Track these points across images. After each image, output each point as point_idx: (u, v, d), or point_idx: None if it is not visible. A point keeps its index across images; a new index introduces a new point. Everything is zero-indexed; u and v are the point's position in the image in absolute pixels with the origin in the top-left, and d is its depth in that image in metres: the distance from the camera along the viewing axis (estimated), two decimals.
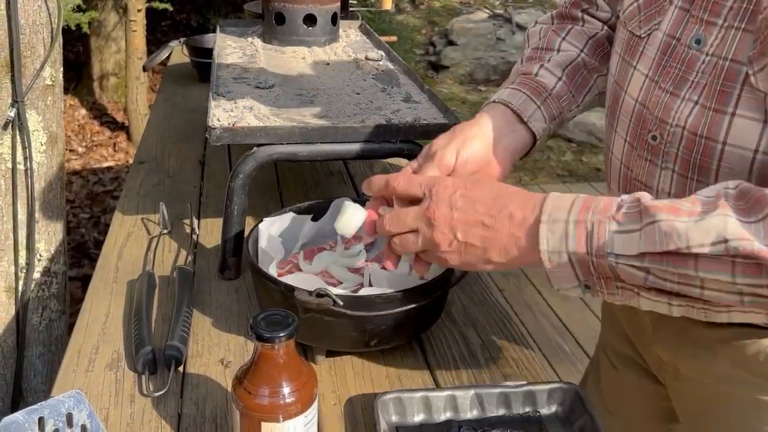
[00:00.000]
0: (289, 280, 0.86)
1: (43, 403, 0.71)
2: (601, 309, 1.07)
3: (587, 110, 0.94)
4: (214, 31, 2.22)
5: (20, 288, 1.63)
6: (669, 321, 0.80)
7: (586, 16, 0.94)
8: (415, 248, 0.71)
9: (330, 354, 0.89)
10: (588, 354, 2.44)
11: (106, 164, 4.03)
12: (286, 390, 0.65)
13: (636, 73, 0.77)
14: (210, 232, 1.21)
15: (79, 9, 3.55)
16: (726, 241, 0.56)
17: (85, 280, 2.87)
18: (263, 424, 0.65)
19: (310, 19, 1.50)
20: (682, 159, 0.71)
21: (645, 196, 0.62)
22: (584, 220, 0.62)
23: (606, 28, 0.94)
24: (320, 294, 0.79)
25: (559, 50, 0.91)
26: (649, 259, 0.60)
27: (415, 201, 0.72)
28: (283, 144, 1.02)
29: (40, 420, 0.70)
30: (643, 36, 0.76)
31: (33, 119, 1.58)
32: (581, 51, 0.91)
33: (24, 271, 1.63)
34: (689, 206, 0.60)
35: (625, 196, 0.64)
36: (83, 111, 4.63)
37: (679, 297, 0.63)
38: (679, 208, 0.59)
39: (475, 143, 0.80)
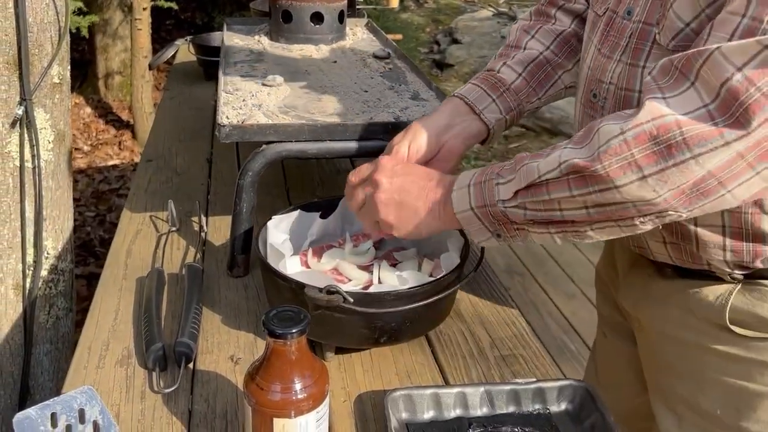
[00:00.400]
0: (298, 277, 0.86)
1: (55, 398, 0.71)
2: (595, 278, 1.14)
3: (554, 101, 1.05)
4: (218, 30, 2.23)
5: (28, 285, 1.64)
6: (632, 278, 0.96)
7: (558, 13, 1.04)
8: (360, 201, 0.86)
9: (339, 351, 0.89)
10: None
11: (111, 162, 4.03)
12: (298, 386, 0.65)
13: (591, 46, 0.89)
14: (218, 229, 1.21)
15: (80, 12, 3.56)
16: (560, 164, 0.71)
17: (90, 278, 2.88)
18: (275, 420, 0.65)
19: (317, 17, 1.51)
20: (610, 111, 0.83)
21: (524, 153, 0.78)
22: (480, 182, 0.79)
23: (574, 24, 1.03)
24: (330, 291, 0.79)
25: (525, 48, 1.02)
26: (521, 195, 0.75)
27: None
28: (292, 141, 1.02)
29: (53, 416, 0.70)
30: (600, 14, 0.88)
31: (41, 117, 1.58)
32: (547, 48, 1.01)
33: (31, 268, 1.63)
34: (549, 150, 0.75)
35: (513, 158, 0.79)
36: (88, 109, 4.64)
37: (552, 224, 0.75)
38: (540, 153, 0.75)
39: (425, 135, 0.93)
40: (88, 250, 3.11)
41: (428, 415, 0.79)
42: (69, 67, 1.67)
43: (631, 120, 0.67)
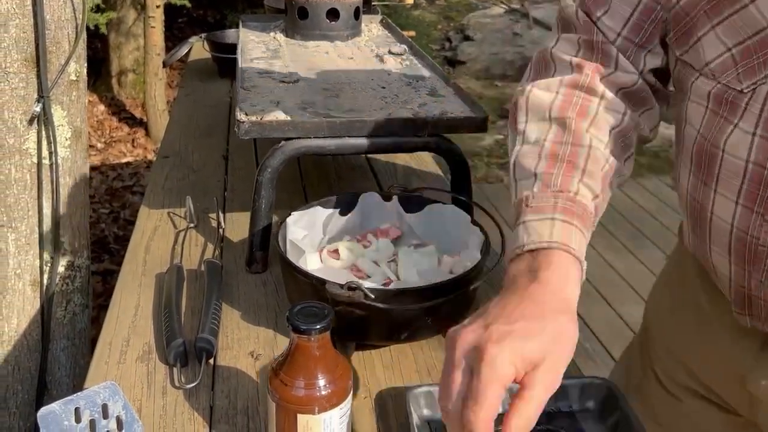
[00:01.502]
0: (318, 273, 0.86)
1: (78, 393, 0.72)
2: (645, 336, 1.00)
3: None
4: (230, 27, 2.23)
5: (45, 282, 1.65)
6: (766, 361, 0.77)
7: (607, 92, 0.77)
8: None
9: (359, 347, 0.89)
10: (608, 351, 2.43)
11: (125, 160, 4.06)
12: (321, 382, 0.65)
13: (737, 132, 0.68)
14: (235, 226, 1.21)
15: (97, 9, 3.58)
16: None
17: (105, 275, 2.90)
18: (299, 416, 0.65)
19: (333, 14, 1.50)
20: None
21: None
22: None
23: (629, 114, 0.78)
24: (351, 287, 0.79)
25: (590, 149, 0.74)
26: None
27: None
28: (310, 138, 1.02)
29: (76, 410, 0.70)
30: (745, 91, 0.67)
31: (58, 114, 1.59)
32: (606, 146, 0.76)
33: (48, 265, 1.65)
34: None
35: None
36: (102, 107, 4.67)
37: None
38: None
39: (568, 336, 0.63)
40: (103, 246, 3.13)
41: None
42: (86, 65, 1.67)
43: None
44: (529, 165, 0.73)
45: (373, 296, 0.79)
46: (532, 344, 0.57)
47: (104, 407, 0.71)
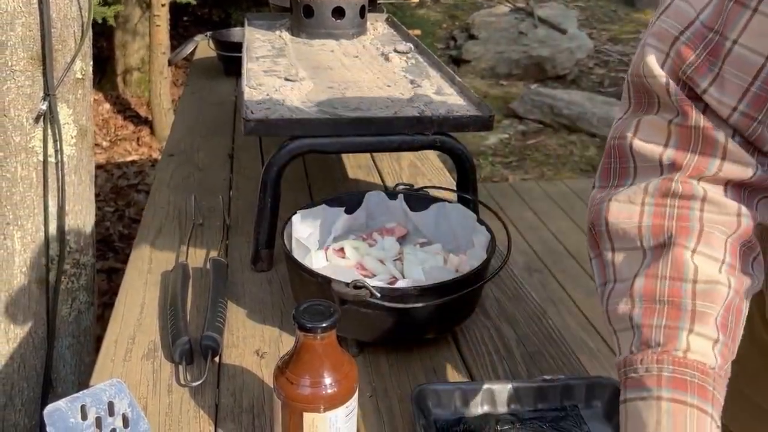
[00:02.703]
0: (323, 271, 0.86)
1: (85, 391, 0.71)
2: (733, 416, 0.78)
3: None
4: (235, 26, 2.23)
5: (50, 279, 1.65)
6: None
7: (710, 194, 0.58)
8: None
9: (365, 346, 0.89)
10: (613, 350, 2.42)
11: (130, 158, 4.06)
12: (327, 380, 0.65)
13: None
14: (241, 224, 1.21)
15: (105, 2, 3.59)
16: None
17: (110, 273, 2.91)
18: (305, 414, 0.65)
19: (338, 12, 1.50)
20: None
21: None
22: None
23: (743, 215, 0.58)
24: (357, 285, 0.79)
25: (695, 282, 0.56)
26: None
27: None
28: (316, 136, 1.01)
29: (83, 408, 0.70)
30: None
31: (64, 112, 1.59)
32: (722, 265, 0.57)
33: (54, 262, 1.65)
34: None
35: None
36: (107, 105, 4.67)
37: None
38: None
39: None
40: (108, 245, 3.14)
41: (456, 411, 0.78)
42: (91, 63, 1.68)
43: None
44: (624, 311, 0.58)
45: (378, 295, 0.79)
46: None
47: (110, 405, 0.71)
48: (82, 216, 1.70)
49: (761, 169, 0.57)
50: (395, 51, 1.45)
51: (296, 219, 0.95)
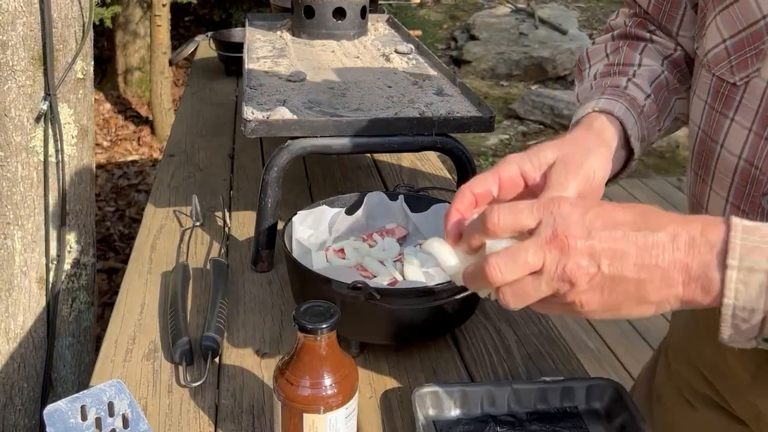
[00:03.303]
0: (324, 272, 0.86)
1: (85, 391, 0.72)
2: (667, 345, 0.96)
3: (664, 137, 0.82)
4: (236, 26, 2.23)
5: (51, 279, 1.65)
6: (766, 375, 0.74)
7: (654, 37, 0.82)
8: (537, 295, 0.52)
9: (365, 347, 0.89)
10: (614, 352, 2.42)
11: (130, 158, 4.06)
12: (327, 381, 0.65)
13: (734, 126, 0.66)
14: (241, 224, 1.21)
15: (102, 3, 3.59)
16: None
17: (110, 273, 2.91)
18: (305, 415, 0.65)
19: (339, 13, 1.50)
20: None
21: None
22: None
23: (679, 50, 0.81)
24: (357, 286, 0.79)
25: (640, 65, 0.77)
26: None
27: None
28: (317, 137, 1.01)
29: (83, 408, 0.70)
30: (738, 84, 0.65)
31: (65, 112, 1.59)
32: (662, 67, 0.78)
33: (55, 262, 1.65)
34: None
35: None
36: (108, 105, 4.68)
37: None
38: None
39: (601, 154, 0.64)
40: (108, 244, 3.14)
41: (455, 412, 0.78)
42: (92, 63, 1.68)
43: None
44: (587, 88, 0.80)
45: (378, 296, 0.79)
46: (546, 152, 0.62)
47: (110, 405, 0.71)
48: (83, 216, 1.70)
49: (678, 52, 0.81)
50: (396, 52, 1.45)
51: (297, 220, 0.95)
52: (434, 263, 0.94)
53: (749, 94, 0.64)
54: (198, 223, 1.20)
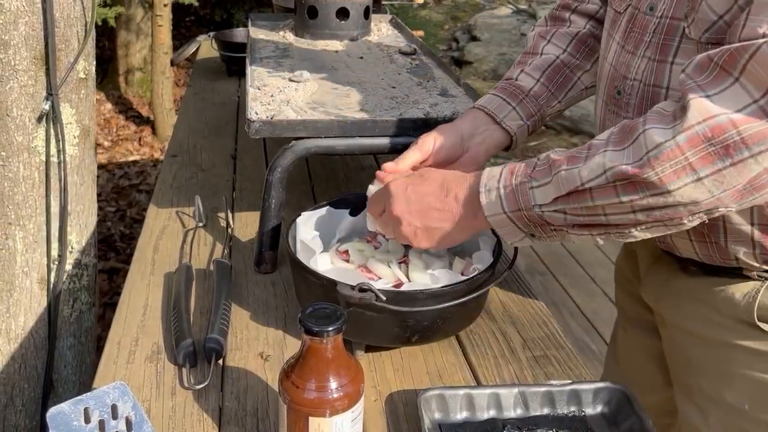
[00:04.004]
0: (328, 274, 0.85)
1: (88, 393, 0.71)
2: (615, 272, 1.14)
3: (576, 103, 1.05)
4: (237, 26, 2.22)
5: (52, 280, 1.64)
6: (654, 274, 0.95)
7: (573, 16, 1.04)
8: (388, 232, 0.87)
9: (370, 349, 0.88)
10: None
11: (131, 158, 4.06)
12: (333, 385, 0.64)
13: (613, 43, 0.89)
14: (244, 225, 1.21)
15: (105, 4, 3.58)
16: (605, 171, 0.69)
17: (111, 273, 2.90)
18: (311, 419, 0.64)
19: (342, 13, 1.50)
20: (637, 108, 0.82)
21: (554, 153, 0.77)
22: (510, 184, 0.77)
23: (589, 25, 1.03)
24: (363, 289, 0.78)
25: (541, 53, 1.02)
26: (561, 201, 0.73)
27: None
28: (321, 137, 1.01)
29: (86, 410, 0.70)
30: (621, 12, 0.88)
31: (66, 112, 1.58)
32: (564, 51, 1.02)
33: (56, 263, 1.64)
34: (585, 152, 0.73)
35: (541, 156, 0.78)
36: (109, 105, 4.67)
37: (594, 227, 0.74)
38: (576, 156, 0.73)
39: (449, 136, 0.94)
40: (109, 244, 3.13)
41: (461, 415, 0.77)
42: (94, 63, 1.67)
43: (681, 122, 0.65)
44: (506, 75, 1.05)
45: (384, 298, 0.78)
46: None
47: (113, 408, 0.70)
48: (84, 216, 1.70)
49: (602, 9, 1.02)
50: (400, 52, 1.45)
51: (300, 221, 0.95)
52: (439, 265, 0.93)
53: (624, 17, 0.86)
54: (201, 224, 1.19)
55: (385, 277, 0.92)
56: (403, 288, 0.86)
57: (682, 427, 0.96)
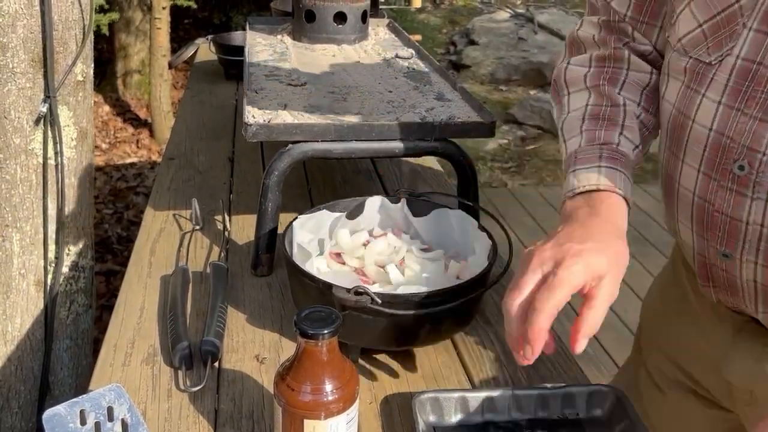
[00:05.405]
0: (324, 277, 0.86)
1: (84, 395, 0.71)
2: (639, 335, 1.04)
3: None
4: (236, 29, 2.23)
5: (49, 282, 1.65)
6: (741, 347, 0.83)
7: (632, 57, 0.87)
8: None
9: (365, 352, 0.89)
10: (613, 358, 2.42)
11: (129, 160, 4.06)
12: (328, 387, 0.65)
13: (705, 101, 0.73)
14: (241, 228, 1.21)
15: (101, 10, 3.59)
16: None
17: (108, 275, 2.90)
18: (306, 421, 0.65)
19: (340, 17, 1.50)
20: None
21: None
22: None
23: (654, 73, 0.87)
24: (358, 292, 0.79)
25: (625, 107, 0.83)
26: None
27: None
28: (318, 141, 1.01)
29: (82, 413, 0.70)
30: (713, 63, 0.72)
31: (64, 115, 1.59)
32: (638, 104, 0.85)
33: (53, 265, 1.64)
34: None
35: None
36: (107, 107, 4.67)
37: None
38: None
39: (623, 253, 0.71)
40: (106, 246, 3.13)
41: (456, 418, 0.78)
42: (92, 65, 1.68)
43: None
44: (575, 126, 0.83)
45: (380, 301, 0.79)
46: (600, 260, 0.66)
47: (109, 410, 0.70)
48: (81, 218, 1.70)
49: (656, 53, 0.87)
50: (397, 56, 1.45)
51: (297, 224, 0.95)
52: (435, 268, 0.94)
53: (721, 71, 0.72)
54: (198, 227, 1.19)
55: (380, 280, 0.92)
56: (398, 291, 0.87)
57: None
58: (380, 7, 1.94)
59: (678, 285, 0.95)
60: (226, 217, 1.21)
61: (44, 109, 1.53)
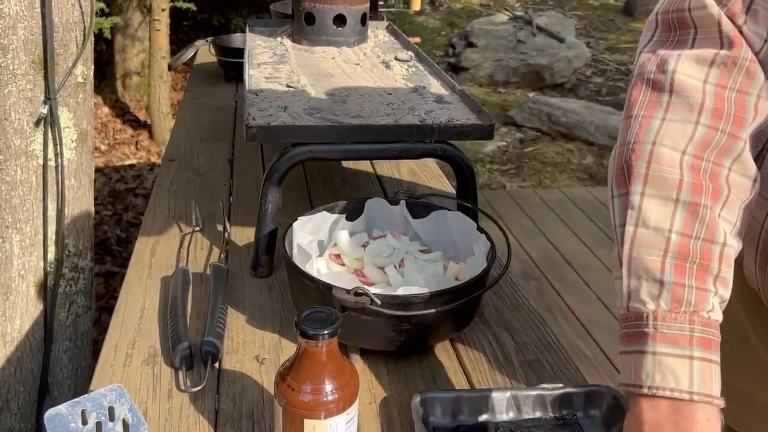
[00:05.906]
0: (324, 278, 0.86)
1: (85, 396, 0.72)
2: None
3: None
4: (235, 31, 2.23)
5: (49, 283, 1.65)
6: None
7: (732, 176, 0.64)
8: None
9: (364, 353, 0.89)
10: (609, 358, 2.43)
11: (128, 162, 4.06)
12: (328, 387, 0.65)
13: None
14: (240, 230, 1.22)
15: (102, 13, 3.59)
16: None
17: (107, 276, 2.90)
18: (306, 421, 0.65)
19: (340, 20, 1.51)
20: None
21: None
22: None
23: (758, 176, 0.66)
24: (358, 293, 0.79)
25: (724, 246, 0.62)
26: None
27: None
28: (318, 143, 1.02)
29: (83, 413, 0.70)
30: None
31: (64, 116, 1.59)
32: (735, 235, 0.64)
33: (53, 266, 1.65)
34: None
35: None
36: (106, 109, 4.67)
37: None
38: None
39: None
40: (105, 248, 3.13)
41: (455, 419, 0.78)
42: (93, 67, 1.68)
43: None
44: (653, 265, 0.61)
45: (379, 302, 0.79)
46: None
47: (111, 410, 0.71)
48: (81, 220, 1.70)
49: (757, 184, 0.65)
50: (396, 59, 1.46)
51: (297, 225, 0.96)
52: (434, 270, 0.94)
53: None
54: (198, 228, 1.20)
55: (380, 281, 0.93)
56: (397, 292, 0.87)
57: None
58: (379, 9, 1.95)
59: (733, 323, 0.81)
60: (226, 219, 1.22)
61: (44, 110, 1.53)
